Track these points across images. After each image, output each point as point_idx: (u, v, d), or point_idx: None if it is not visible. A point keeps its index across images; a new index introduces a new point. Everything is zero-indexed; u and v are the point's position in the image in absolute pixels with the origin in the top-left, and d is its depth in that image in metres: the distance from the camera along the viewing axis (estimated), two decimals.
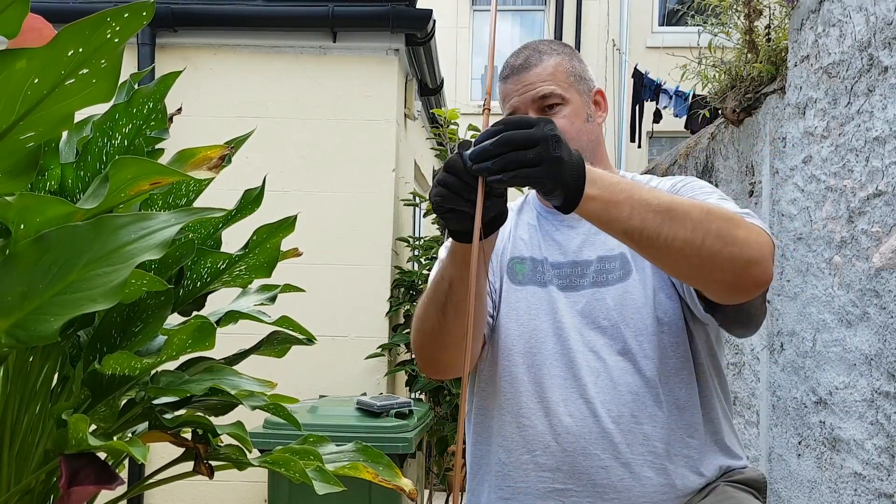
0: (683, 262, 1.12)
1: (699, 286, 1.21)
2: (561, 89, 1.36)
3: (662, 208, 1.08)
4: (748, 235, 1.12)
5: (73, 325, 1.24)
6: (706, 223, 1.10)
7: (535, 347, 1.35)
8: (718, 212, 1.13)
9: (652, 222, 1.08)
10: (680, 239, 1.08)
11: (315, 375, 3.99)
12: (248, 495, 4.03)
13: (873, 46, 1.94)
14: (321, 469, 1.31)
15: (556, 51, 1.41)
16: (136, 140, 1.30)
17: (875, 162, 1.92)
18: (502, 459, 1.35)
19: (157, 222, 1.00)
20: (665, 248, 1.10)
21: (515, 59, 1.40)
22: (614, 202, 1.07)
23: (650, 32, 9.65)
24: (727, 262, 1.11)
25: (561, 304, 1.34)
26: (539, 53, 1.39)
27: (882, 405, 1.87)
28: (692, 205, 1.12)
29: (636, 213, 1.07)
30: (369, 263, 4.13)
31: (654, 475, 1.27)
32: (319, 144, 4.19)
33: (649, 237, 1.08)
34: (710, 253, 1.10)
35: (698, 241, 1.09)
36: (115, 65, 0.93)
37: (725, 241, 1.10)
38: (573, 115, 1.36)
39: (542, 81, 1.36)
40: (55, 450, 1.20)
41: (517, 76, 1.38)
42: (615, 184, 1.09)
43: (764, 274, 1.14)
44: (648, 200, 1.09)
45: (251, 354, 1.51)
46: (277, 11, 4.18)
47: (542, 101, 1.35)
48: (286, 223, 1.42)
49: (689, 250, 1.09)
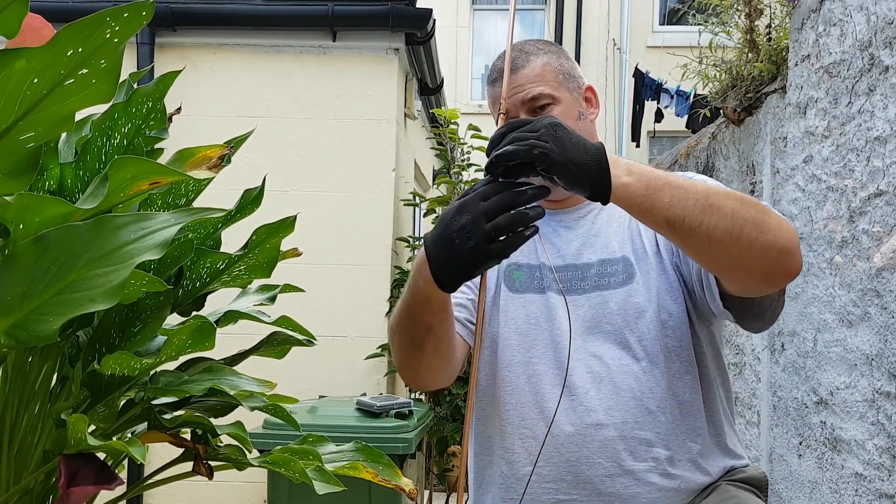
0: (723, 252, 1.09)
1: (731, 276, 1.17)
2: (550, 89, 1.35)
3: (701, 196, 1.06)
4: (780, 224, 1.10)
5: (73, 326, 1.24)
6: (743, 211, 1.07)
7: (535, 356, 1.33)
8: (750, 200, 1.10)
9: (693, 210, 1.05)
10: (721, 228, 1.06)
11: (315, 376, 3.99)
12: (248, 495, 4.03)
13: (874, 46, 1.94)
14: (321, 469, 1.30)
15: (542, 50, 1.39)
16: (136, 140, 1.30)
17: (876, 161, 1.92)
18: (505, 471, 1.34)
19: (157, 222, 1.00)
20: (706, 237, 1.06)
21: (501, 61, 1.38)
22: (654, 188, 1.04)
23: (651, 32, 9.64)
24: (763, 250, 1.08)
25: (561, 311, 1.33)
26: (525, 54, 1.37)
27: (883, 405, 1.86)
28: (726, 192, 1.09)
29: (677, 200, 1.05)
30: (369, 263, 4.12)
31: (659, 480, 1.26)
32: (319, 144, 4.18)
33: (690, 226, 1.05)
34: (749, 241, 1.07)
35: (737, 229, 1.06)
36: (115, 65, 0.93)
37: (761, 230, 1.07)
38: (564, 113, 1.35)
39: (530, 83, 1.34)
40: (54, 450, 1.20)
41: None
42: (650, 171, 1.07)
43: (796, 263, 1.11)
44: (687, 188, 1.06)
45: (251, 355, 1.50)
46: (277, 11, 4.18)
47: (532, 102, 1.34)
48: (286, 223, 1.42)
49: (728, 239, 1.06)
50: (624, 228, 1.36)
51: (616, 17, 9.62)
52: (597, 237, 1.36)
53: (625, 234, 1.36)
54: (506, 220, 1.00)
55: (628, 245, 1.34)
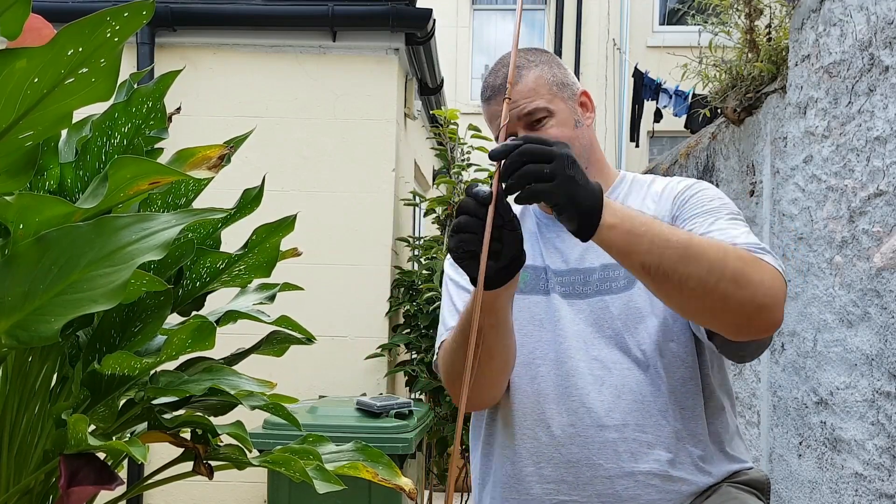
0: (694, 303, 1.11)
1: (705, 325, 1.21)
2: (545, 102, 1.34)
3: (681, 246, 1.08)
4: (763, 279, 1.11)
5: (73, 325, 1.24)
6: (722, 265, 1.08)
7: (538, 357, 1.34)
8: (735, 253, 1.11)
9: (669, 259, 1.07)
10: (694, 278, 1.08)
11: (315, 376, 3.99)
12: (248, 495, 4.03)
13: (874, 46, 1.94)
14: (321, 468, 1.30)
15: (534, 62, 1.37)
16: (136, 139, 1.30)
17: (876, 162, 1.92)
18: (507, 471, 1.34)
19: (159, 223, 1.00)
20: (678, 287, 1.09)
21: (494, 77, 1.37)
22: (635, 234, 1.06)
23: (651, 32, 9.64)
24: (738, 305, 1.10)
25: (564, 313, 1.33)
26: (517, 69, 1.35)
27: (883, 405, 1.86)
28: (710, 244, 1.11)
29: (655, 247, 1.07)
30: (369, 263, 4.12)
31: (660, 482, 1.26)
32: (319, 144, 4.18)
33: (665, 273, 1.08)
34: (723, 296, 1.09)
35: (712, 282, 1.08)
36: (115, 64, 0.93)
37: (739, 284, 1.09)
38: (561, 124, 1.34)
39: (525, 98, 1.33)
40: (54, 450, 1.20)
41: (500, 96, 1.34)
42: (635, 216, 1.08)
43: (773, 320, 1.12)
44: (668, 237, 1.08)
45: (251, 354, 1.50)
46: (277, 11, 4.18)
47: (528, 117, 1.33)
48: (285, 223, 1.42)
49: (701, 290, 1.08)
50: None
51: (616, 17, 9.62)
52: None
53: None
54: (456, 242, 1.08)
55: None
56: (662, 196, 1.37)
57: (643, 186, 1.41)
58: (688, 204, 1.32)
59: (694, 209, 1.30)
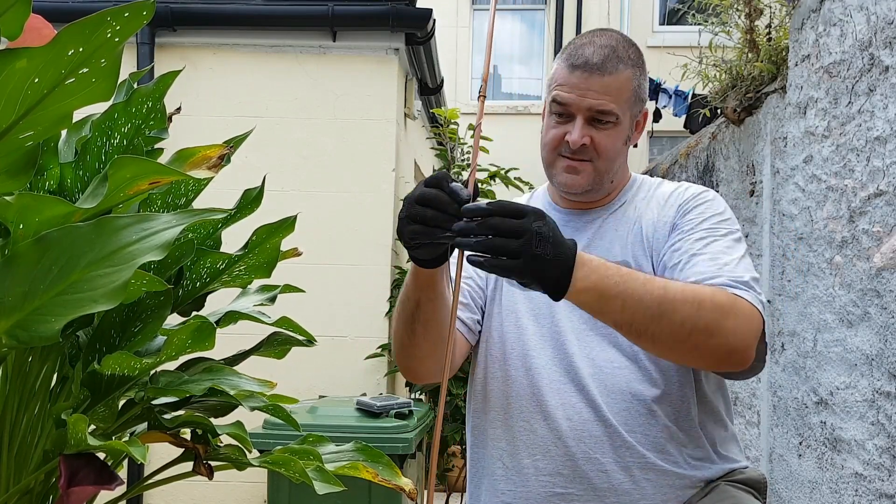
0: (666, 352, 1.18)
1: (677, 363, 1.27)
2: (619, 109, 1.29)
3: (654, 304, 1.11)
4: (737, 325, 1.14)
5: (73, 326, 1.24)
6: (695, 318, 1.12)
7: (534, 350, 1.34)
8: (711, 300, 1.13)
9: (642, 318, 1.11)
10: (666, 333, 1.12)
11: (315, 376, 3.99)
12: (248, 495, 4.03)
13: (874, 46, 1.94)
14: (321, 469, 1.30)
15: (633, 61, 1.32)
16: (136, 139, 1.30)
17: (876, 161, 1.92)
18: (503, 464, 1.35)
19: (159, 223, 1.00)
20: (650, 341, 1.14)
21: (593, 53, 1.29)
22: (607, 296, 1.09)
23: (651, 32, 9.64)
24: (708, 352, 1.15)
25: (560, 308, 1.33)
26: (617, 60, 1.29)
27: (883, 405, 1.86)
28: (684, 298, 1.12)
29: (628, 308, 1.10)
30: (369, 263, 4.12)
31: (655, 477, 1.27)
32: (319, 144, 4.18)
33: (637, 331, 1.13)
34: (694, 345, 1.13)
35: (684, 334, 1.12)
36: (115, 64, 0.93)
37: (711, 334, 1.13)
38: (617, 136, 1.32)
39: (607, 94, 1.28)
40: (54, 450, 1.20)
41: (587, 74, 1.28)
42: (609, 275, 1.10)
43: (743, 360, 1.16)
44: (640, 296, 1.10)
45: (251, 355, 1.50)
46: (277, 11, 4.18)
47: (598, 113, 1.29)
48: (286, 223, 1.42)
49: (672, 343, 1.13)
50: (629, 234, 1.36)
51: (616, 17, 9.62)
52: (601, 240, 1.37)
53: (628, 238, 1.36)
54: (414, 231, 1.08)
55: (629, 250, 1.34)
56: (668, 202, 1.36)
57: (650, 189, 1.41)
58: (689, 215, 1.32)
59: (692, 223, 1.30)
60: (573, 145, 1.30)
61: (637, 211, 1.38)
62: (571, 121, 1.30)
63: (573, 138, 1.29)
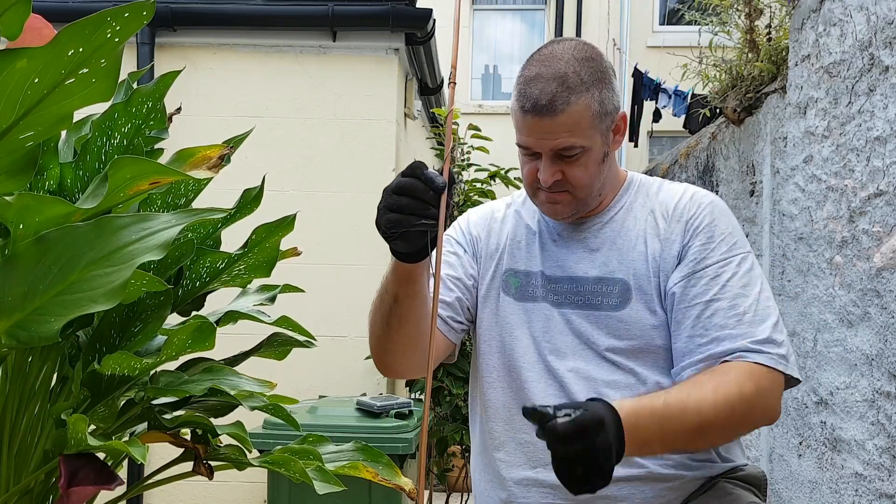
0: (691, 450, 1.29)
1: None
2: (583, 139, 1.26)
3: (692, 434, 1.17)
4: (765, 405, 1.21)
5: (73, 326, 1.24)
6: (731, 427, 1.21)
7: (525, 364, 1.34)
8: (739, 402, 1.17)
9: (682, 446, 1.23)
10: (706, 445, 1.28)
11: (315, 376, 3.99)
12: (248, 495, 4.03)
13: (874, 46, 1.94)
14: (321, 469, 1.30)
15: (588, 83, 1.25)
16: (136, 139, 1.30)
17: (876, 162, 1.92)
18: (504, 475, 1.35)
19: (159, 223, 1.00)
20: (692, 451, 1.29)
21: (541, 93, 1.24)
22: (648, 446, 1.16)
23: (651, 32, 9.64)
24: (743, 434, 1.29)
25: (554, 322, 1.33)
26: (568, 93, 1.23)
27: (883, 405, 1.86)
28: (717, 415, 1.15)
29: (667, 446, 1.19)
30: (369, 263, 4.12)
31: (654, 482, 1.27)
32: (319, 144, 4.18)
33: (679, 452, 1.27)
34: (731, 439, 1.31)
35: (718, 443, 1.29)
36: (115, 64, 0.93)
37: (741, 431, 1.25)
38: (589, 162, 1.28)
39: (565, 132, 1.24)
40: (54, 450, 1.20)
41: (538, 118, 1.24)
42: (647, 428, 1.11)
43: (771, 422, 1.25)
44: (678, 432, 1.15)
45: (251, 356, 1.50)
46: (277, 11, 4.18)
47: (562, 150, 1.26)
48: (285, 222, 1.42)
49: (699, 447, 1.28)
50: (631, 251, 1.32)
51: (616, 17, 9.62)
52: (597, 252, 1.34)
53: (629, 255, 1.32)
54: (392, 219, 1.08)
55: (629, 269, 1.31)
56: (673, 215, 1.32)
57: (650, 193, 1.38)
58: (698, 238, 1.29)
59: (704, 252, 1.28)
60: (544, 184, 1.28)
61: (638, 223, 1.34)
62: (540, 158, 1.29)
63: (543, 178, 1.28)
